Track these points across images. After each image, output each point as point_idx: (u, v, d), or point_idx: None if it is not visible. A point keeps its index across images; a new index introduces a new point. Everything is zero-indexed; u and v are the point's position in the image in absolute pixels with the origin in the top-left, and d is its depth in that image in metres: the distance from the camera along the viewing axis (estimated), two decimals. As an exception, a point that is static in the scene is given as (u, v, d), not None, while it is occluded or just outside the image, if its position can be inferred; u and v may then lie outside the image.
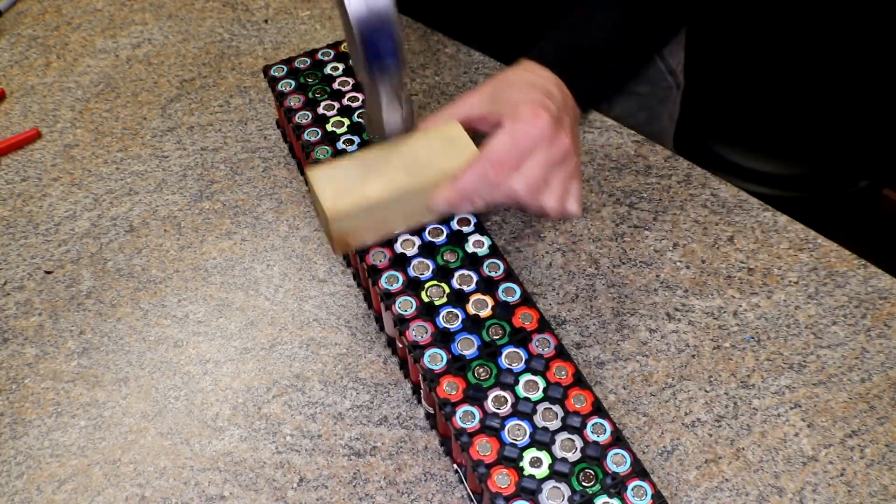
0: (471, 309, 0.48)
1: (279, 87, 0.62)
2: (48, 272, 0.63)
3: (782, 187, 1.18)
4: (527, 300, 0.48)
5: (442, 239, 0.52)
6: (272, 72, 0.63)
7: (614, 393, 0.54)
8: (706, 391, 0.54)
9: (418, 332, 0.47)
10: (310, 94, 0.61)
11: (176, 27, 0.82)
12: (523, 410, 0.44)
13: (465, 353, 0.46)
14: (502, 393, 0.44)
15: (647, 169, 0.67)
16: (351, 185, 0.47)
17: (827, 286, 0.59)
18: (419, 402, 0.54)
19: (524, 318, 0.47)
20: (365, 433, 0.53)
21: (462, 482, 0.50)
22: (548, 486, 0.41)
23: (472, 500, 0.48)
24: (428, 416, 0.53)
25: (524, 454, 0.42)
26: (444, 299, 0.48)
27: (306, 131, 0.59)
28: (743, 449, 0.51)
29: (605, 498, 0.41)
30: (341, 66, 0.63)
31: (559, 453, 0.42)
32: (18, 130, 0.73)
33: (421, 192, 0.47)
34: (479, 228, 0.52)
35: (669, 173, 0.66)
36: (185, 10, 0.84)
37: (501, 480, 0.41)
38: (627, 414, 0.53)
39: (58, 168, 0.70)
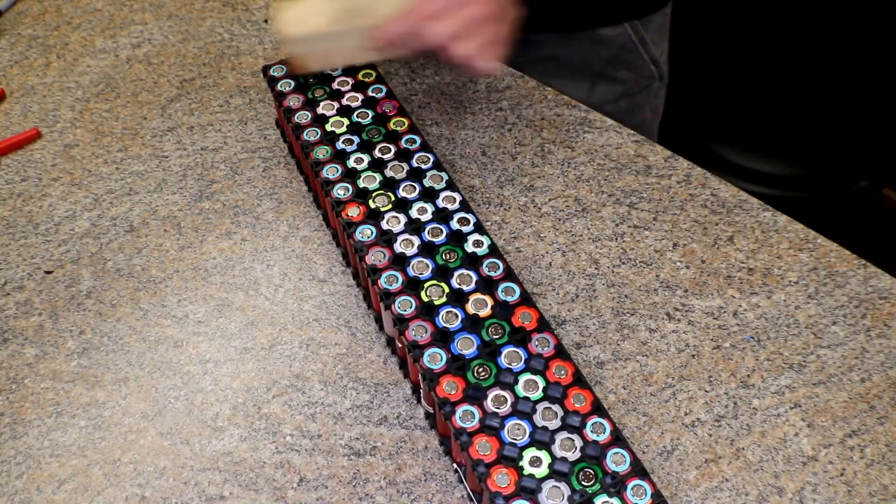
0: (470, 308, 0.48)
1: (279, 86, 0.62)
2: (48, 272, 0.63)
3: (782, 187, 1.18)
4: (526, 300, 0.48)
5: (441, 239, 0.52)
6: (272, 72, 0.63)
7: (614, 393, 0.54)
8: (706, 391, 0.54)
9: (418, 331, 0.47)
10: (309, 94, 0.61)
11: (176, 27, 0.82)
12: (523, 410, 0.44)
13: (465, 352, 0.46)
14: (502, 392, 0.44)
15: (647, 169, 0.67)
16: (306, 19, 0.58)
17: (827, 286, 0.59)
18: (419, 401, 0.54)
19: (524, 318, 0.47)
20: (365, 433, 0.53)
21: (462, 482, 0.50)
22: (547, 485, 0.41)
23: (471, 500, 0.48)
24: (428, 415, 0.53)
25: (524, 453, 0.42)
26: (444, 299, 0.48)
27: (306, 131, 0.59)
28: (743, 449, 0.51)
29: (604, 497, 0.41)
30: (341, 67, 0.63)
31: (559, 453, 0.42)
32: (18, 130, 0.73)
33: (358, 33, 0.58)
34: (479, 228, 0.52)
35: (669, 173, 0.66)
36: (185, 10, 0.84)
37: (501, 480, 0.41)
38: (627, 414, 0.53)
39: (58, 168, 0.70)
